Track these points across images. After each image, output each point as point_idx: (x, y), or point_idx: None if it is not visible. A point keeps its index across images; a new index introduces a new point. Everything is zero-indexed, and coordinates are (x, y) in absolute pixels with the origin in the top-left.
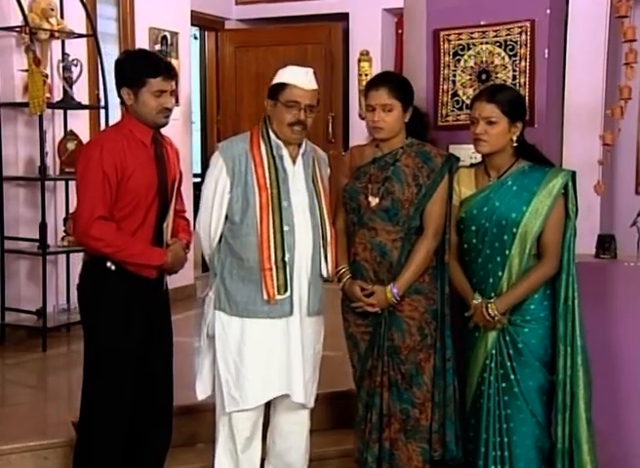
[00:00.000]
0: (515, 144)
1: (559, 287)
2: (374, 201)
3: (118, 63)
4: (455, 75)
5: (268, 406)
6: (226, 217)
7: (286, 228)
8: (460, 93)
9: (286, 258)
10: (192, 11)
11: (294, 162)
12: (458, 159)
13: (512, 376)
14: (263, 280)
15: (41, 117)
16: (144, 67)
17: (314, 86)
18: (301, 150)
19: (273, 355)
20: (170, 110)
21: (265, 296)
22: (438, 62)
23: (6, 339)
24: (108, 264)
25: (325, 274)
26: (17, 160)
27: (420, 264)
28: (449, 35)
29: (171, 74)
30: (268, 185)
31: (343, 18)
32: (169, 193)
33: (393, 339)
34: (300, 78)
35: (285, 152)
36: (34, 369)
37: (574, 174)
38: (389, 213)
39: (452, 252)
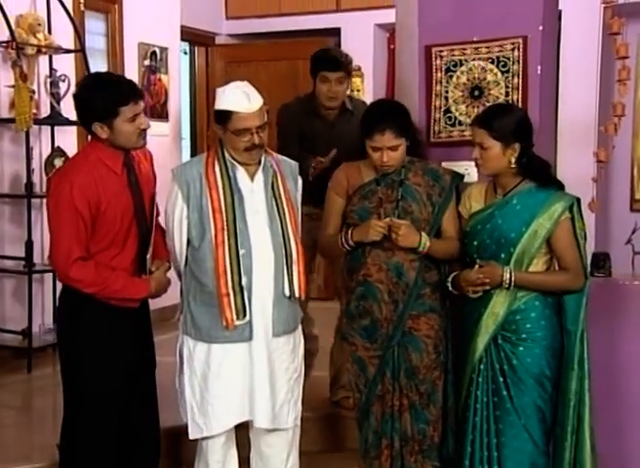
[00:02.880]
0: (513, 166)
1: (577, 309)
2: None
3: (81, 100)
4: (447, 91)
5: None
6: (189, 242)
7: (242, 251)
8: (453, 109)
9: (243, 283)
10: (182, 26)
11: (252, 179)
12: (462, 176)
13: (505, 392)
14: (221, 305)
15: (28, 133)
16: (113, 97)
17: (259, 103)
18: (260, 166)
19: (236, 380)
20: (146, 130)
21: (224, 322)
22: (430, 78)
23: None
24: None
25: (288, 293)
26: (2, 177)
27: (446, 248)
28: (441, 51)
29: (139, 94)
30: (223, 208)
31: (335, 33)
32: (147, 217)
33: (411, 360)
34: (242, 103)
35: (241, 171)
36: (19, 390)
37: (578, 200)
38: None
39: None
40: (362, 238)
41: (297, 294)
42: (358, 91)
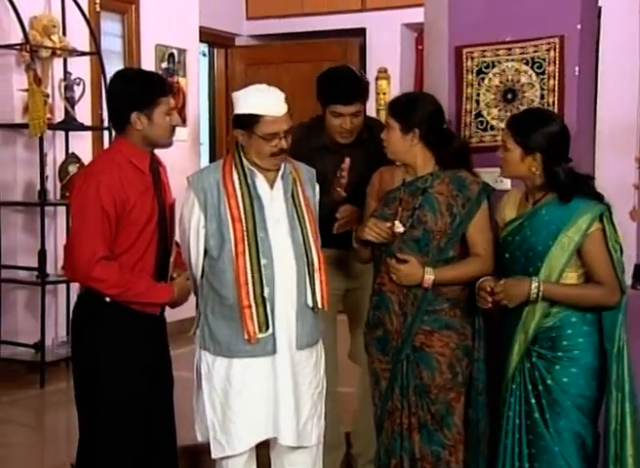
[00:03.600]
0: (536, 174)
1: (612, 326)
2: (398, 227)
3: (119, 88)
4: (479, 94)
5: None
6: (206, 252)
7: (264, 261)
8: (485, 113)
9: (265, 294)
10: (201, 27)
11: (271, 187)
12: (492, 188)
13: (537, 414)
14: (243, 318)
15: (41, 139)
16: (154, 87)
17: (286, 106)
18: (280, 173)
19: (260, 396)
20: (175, 129)
21: (246, 336)
22: (461, 81)
23: (1, 375)
24: (107, 298)
25: (311, 304)
26: (15, 184)
27: (464, 272)
28: (472, 52)
29: (172, 90)
30: (243, 217)
31: (360, 33)
32: (168, 221)
33: (422, 378)
34: (273, 107)
35: (260, 178)
36: (31, 406)
37: (609, 208)
38: (420, 243)
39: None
40: (360, 235)
41: (319, 305)
42: (384, 94)
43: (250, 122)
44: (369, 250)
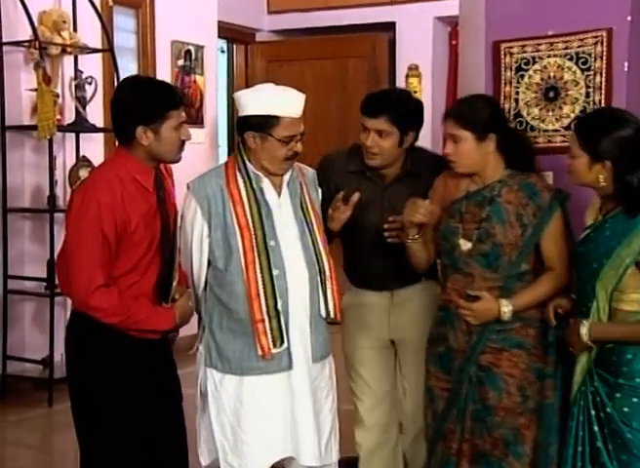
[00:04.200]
0: (603, 184)
1: None
2: (465, 245)
3: (125, 99)
4: (518, 93)
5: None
6: (209, 263)
7: (275, 272)
8: (524, 113)
9: (279, 306)
10: (219, 21)
11: (279, 193)
12: (567, 194)
13: (600, 444)
14: (256, 333)
15: (51, 141)
16: (163, 99)
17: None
18: (286, 178)
19: (275, 414)
20: (184, 144)
21: (260, 351)
22: (499, 78)
23: (8, 392)
24: None
25: (324, 314)
26: (23, 189)
27: (541, 294)
28: (511, 47)
29: (184, 102)
30: (251, 224)
31: (390, 28)
32: (172, 239)
33: (487, 399)
34: (292, 108)
35: (267, 183)
36: (39, 427)
37: None
38: (489, 258)
39: None
40: (407, 226)
41: (332, 315)
42: (415, 92)
43: (266, 124)
44: (425, 248)
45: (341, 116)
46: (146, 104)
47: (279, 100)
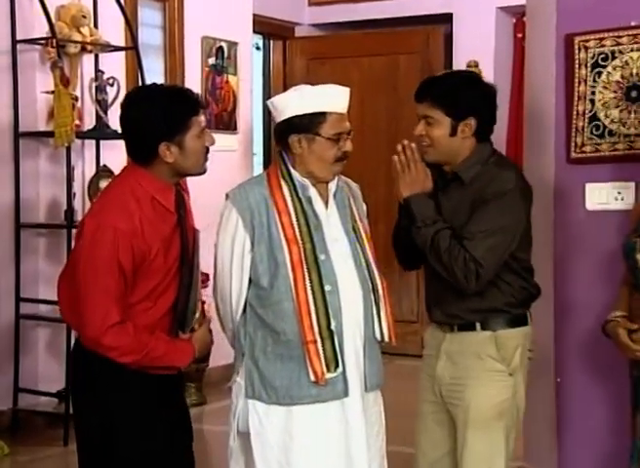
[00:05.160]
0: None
1: None
2: None
3: (144, 113)
4: (594, 92)
5: None
6: (250, 281)
7: (328, 288)
8: (602, 115)
9: (332, 326)
10: (255, 15)
11: (326, 204)
12: None
13: None
14: (307, 356)
15: (69, 149)
16: (183, 107)
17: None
18: (333, 187)
19: (330, 448)
20: (209, 151)
21: (312, 377)
22: (572, 76)
23: (19, 429)
24: None
25: (379, 336)
26: (37, 202)
27: None
28: (587, 41)
29: (203, 105)
30: (299, 237)
31: (446, 19)
32: (191, 261)
33: None
34: (339, 103)
35: (313, 193)
36: None
37: None
38: None
39: None
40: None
41: (386, 338)
42: None
43: (312, 123)
44: None
45: (391, 119)
46: (165, 117)
47: (323, 96)
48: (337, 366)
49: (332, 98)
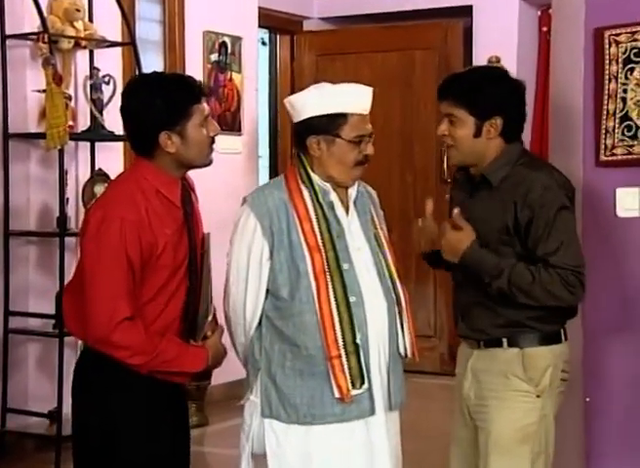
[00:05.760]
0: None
1: None
2: None
3: (143, 101)
4: (626, 91)
5: None
6: (267, 291)
7: (352, 299)
8: (634, 115)
9: (358, 340)
10: (260, 8)
11: (346, 210)
12: None
13: None
14: (331, 371)
15: (61, 152)
16: (183, 94)
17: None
18: (353, 192)
19: None
20: (214, 141)
21: (337, 393)
22: (601, 73)
23: (7, 452)
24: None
25: (403, 351)
26: (28, 209)
27: None
28: (618, 35)
29: (205, 92)
30: (321, 244)
31: (465, 12)
32: (200, 262)
33: None
34: (363, 103)
35: (334, 198)
36: None
37: None
38: None
39: None
40: None
41: (409, 353)
42: None
43: (332, 124)
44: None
45: (406, 120)
46: (165, 105)
47: (345, 95)
48: (362, 382)
49: (354, 98)
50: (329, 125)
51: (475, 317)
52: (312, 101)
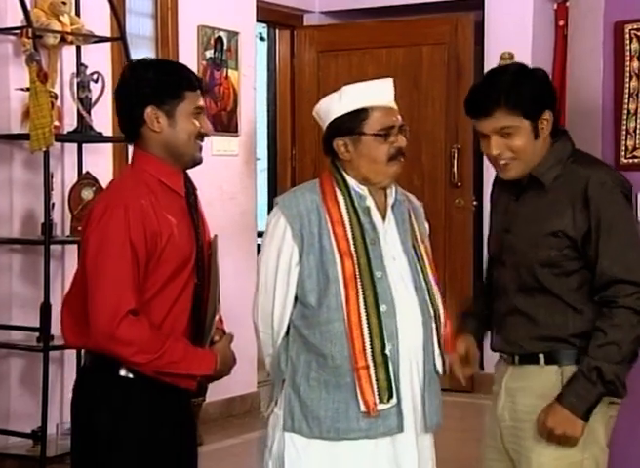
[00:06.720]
0: None
1: None
2: None
3: (135, 75)
4: None
5: None
6: (296, 299)
7: (383, 308)
8: None
9: (387, 351)
10: (258, 1)
11: (383, 217)
12: None
13: None
14: (358, 383)
15: (47, 154)
16: (179, 76)
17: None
18: (391, 199)
19: None
20: (204, 138)
21: (362, 407)
22: (622, 70)
23: None
24: (122, 373)
25: (440, 369)
26: (11, 215)
27: None
28: (639, 29)
29: (204, 88)
30: (353, 250)
31: (477, 5)
32: (206, 263)
33: None
34: (383, 95)
35: (371, 203)
36: None
37: None
38: None
39: None
40: None
41: (447, 371)
42: None
43: (355, 122)
44: None
45: (412, 120)
46: (157, 80)
47: (364, 90)
48: (390, 396)
49: (373, 92)
50: (351, 123)
51: (510, 328)
52: (333, 105)
